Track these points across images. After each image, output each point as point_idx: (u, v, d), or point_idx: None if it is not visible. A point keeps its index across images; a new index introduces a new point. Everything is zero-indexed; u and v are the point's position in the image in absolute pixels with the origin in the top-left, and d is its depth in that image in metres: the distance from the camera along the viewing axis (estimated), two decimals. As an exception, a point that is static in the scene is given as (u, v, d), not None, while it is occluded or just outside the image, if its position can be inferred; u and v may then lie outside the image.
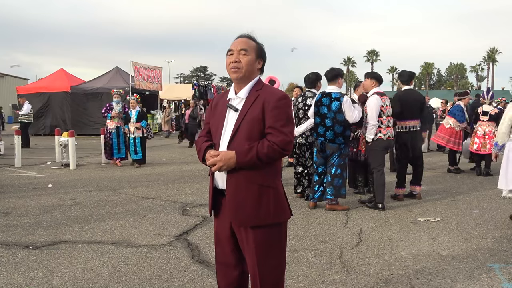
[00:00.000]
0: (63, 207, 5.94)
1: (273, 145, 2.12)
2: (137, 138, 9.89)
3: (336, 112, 5.57)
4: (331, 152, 5.68)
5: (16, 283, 3.38)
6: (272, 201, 2.20)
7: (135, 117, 9.95)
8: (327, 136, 5.65)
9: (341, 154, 5.70)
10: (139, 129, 9.91)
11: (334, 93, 5.66)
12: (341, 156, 5.69)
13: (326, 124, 5.63)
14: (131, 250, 4.15)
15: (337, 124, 5.58)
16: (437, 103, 28.66)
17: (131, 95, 10.69)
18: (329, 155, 5.72)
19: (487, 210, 5.75)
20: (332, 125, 5.60)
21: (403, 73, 6.63)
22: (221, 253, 2.37)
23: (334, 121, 5.58)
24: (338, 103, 5.57)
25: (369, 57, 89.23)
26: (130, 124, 9.92)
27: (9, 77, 42.74)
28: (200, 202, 6.18)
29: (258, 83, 2.27)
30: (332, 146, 5.66)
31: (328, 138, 5.65)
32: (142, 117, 10.07)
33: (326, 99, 5.65)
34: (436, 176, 8.65)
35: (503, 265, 3.74)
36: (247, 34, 2.29)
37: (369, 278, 3.46)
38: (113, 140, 10.06)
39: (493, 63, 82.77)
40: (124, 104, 10.40)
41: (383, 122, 5.73)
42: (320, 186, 5.81)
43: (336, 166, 5.67)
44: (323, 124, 5.66)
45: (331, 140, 5.64)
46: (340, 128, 5.60)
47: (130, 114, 10.02)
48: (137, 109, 10.05)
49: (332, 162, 5.69)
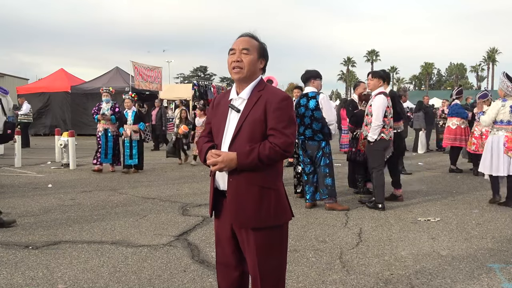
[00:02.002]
0: (63, 207, 5.94)
1: (275, 146, 2.11)
2: (133, 142, 8.98)
3: (314, 110, 5.68)
4: (312, 150, 5.77)
5: (16, 283, 3.38)
6: (273, 203, 2.19)
7: (131, 118, 9.03)
8: (306, 134, 5.78)
9: (324, 153, 5.76)
10: (136, 132, 9.02)
11: (310, 93, 5.81)
12: (324, 155, 5.76)
13: (305, 123, 5.75)
14: (131, 250, 4.14)
15: (315, 121, 5.69)
16: (437, 103, 28.64)
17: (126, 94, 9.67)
18: (311, 154, 5.80)
19: (487, 210, 5.75)
20: (310, 122, 5.71)
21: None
22: (222, 254, 2.36)
23: (312, 118, 5.70)
24: (315, 101, 5.70)
25: (369, 57, 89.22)
26: (127, 126, 8.97)
27: (9, 77, 42.69)
28: (200, 202, 6.18)
29: (260, 83, 2.25)
30: (312, 145, 5.76)
31: (307, 136, 5.77)
32: (139, 119, 9.15)
33: (303, 100, 5.81)
34: (436, 176, 8.65)
35: (503, 265, 3.74)
36: (250, 33, 2.27)
37: (369, 278, 3.47)
38: (102, 144, 9.07)
39: (493, 63, 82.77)
40: (115, 103, 9.37)
41: (387, 122, 5.73)
42: (311, 186, 5.88)
43: (322, 166, 5.76)
44: (303, 123, 5.79)
45: (310, 138, 5.76)
46: (318, 125, 5.70)
47: (126, 115, 9.10)
48: (133, 110, 9.15)
49: (318, 163, 5.77)
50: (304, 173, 5.94)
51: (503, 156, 5.83)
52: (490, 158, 5.96)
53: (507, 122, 5.87)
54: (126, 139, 8.96)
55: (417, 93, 56.64)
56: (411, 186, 7.54)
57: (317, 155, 5.76)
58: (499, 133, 5.92)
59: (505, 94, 5.93)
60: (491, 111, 6.00)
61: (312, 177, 5.87)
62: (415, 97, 36.12)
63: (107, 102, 9.18)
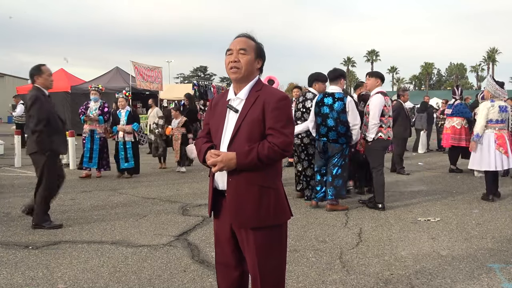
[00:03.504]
0: (63, 207, 5.94)
1: (273, 146, 2.12)
2: (127, 143, 8.32)
3: (340, 112, 5.55)
4: (333, 153, 5.65)
5: (16, 283, 3.38)
6: (273, 202, 2.20)
7: (125, 118, 8.41)
8: (330, 136, 5.61)
9: (342, 154, 5.68)
10: (130, 133, 8.36)
11: (337, 93, 5.65)
12: (342, 157, 5.67)
13: (328, 124, 5.60)
14: (131, 250, 4.14)
15: (340, 124, 5.56)
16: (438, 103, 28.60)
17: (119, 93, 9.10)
18: (330, 156, 5.69)
19: (487, 210, 5.75)
20: (335, 125, 5.57)
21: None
22: (221, 254, 2.36)
23: (338, 121, 5.55)
24: (342, 103, 5.56)
25: (369, 57, 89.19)
26: (119, 127, 8.37)
27: (9, 77, 42.70)
28: (200, 202, 6.18)
29: (257, 84, 2.26)
30: (334, 147, 5.63)
31: (331, 139, 5.61)
32: (133, 119, 8.49)
33: (329, 99, 5.63)
34: (436, 176, 8.65)
35: (503, 265, 3.74)
36: (246, 34, 2.28)
37: (369, 278, 3.46)
38: (86, 147, 8.28)
39: (493, 63, 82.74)
40: (104, 103, 8.53)
41: (385, 122, 5.72)
42: (323, 186, 5.77)
43: (337, 166, 5.65)
44: (325, 124, 5.63)
45: (334, 141, 5.61)
46: (344, 128, 5.58)
47: (119, 115, 8.50)
48: (127, 110, 8.55)
49: (333, 163, 5.66)
50: (319, 173, 5.79)
51: (494, 151, 6.15)
52: (480, 154, 6.27)
53: (496, 121, 6.23)
54: (120, 141, 8.36)
55: (417, 93, 56.60)
56: (411, 186, 7.54)
57: (335, 156, 5.63)
58: (488, 131, 6.25)
59: (492, 95, 6.32)
60: (482, 113, 6.27)
61: (325, 177, 5.73)
62: (415, 97, 36.13)
63: (95, 101, 8.40)
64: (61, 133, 4.98)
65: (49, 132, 4.77)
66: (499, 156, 6.14)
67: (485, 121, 6.23)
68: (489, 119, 6.23)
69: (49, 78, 4.95)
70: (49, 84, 4.97)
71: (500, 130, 6.24)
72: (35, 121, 4.73)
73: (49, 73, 4.96)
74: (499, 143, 6.16)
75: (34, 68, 4.94)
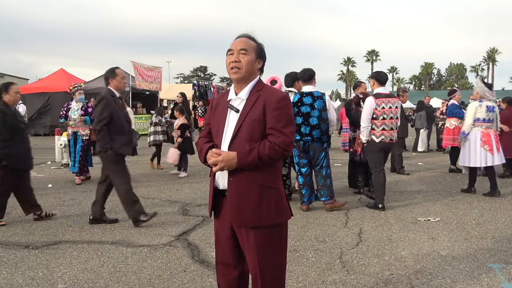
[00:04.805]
0: (63, 207, 5.94)
1: (274, 146, 2.13)
2: None
3: (321, 110, 5.62)
4: (315, 152, 5.65)
5: (16, 283, 3.38)
6: (273, 202, 2.21)
7: None
8: (314, 135, 5.62)
9: (326, 153, 5.72)
10: None
11: (315, 92, 5.70)
12: (326, 156, 5.73)
13: (311, 123, 5.61)
14: (131, 250, 4.15)
15: (322, 122, 5.63)
16: (437, 103, 28.63)
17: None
18: (312, 155, 5.69)
19: (487, 210, 5.75)
20: (318, 123, 5.61)
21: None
22: (221, 253, 2.37)
23: (320, 119, 5.61)
24: (322, 101, 5.64)
25: (369, 57, 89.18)
26: None
27: (9, 77, 42.71)
28: (200, 202, 6.18)
29: (258, 84, 2.27)
30: (317, 146, 5.64)
31: (315, 137, 5.62)
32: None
33: (308, 98, 5.64)
34: (436, 176, 8.65)
35: (503, 265, 3.74)
36: (247, 34, 2.29)
37: (369, 278, 3.47)
38: (71, 150, 7.90)
39: (493, 63, 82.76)
40: (87, 102, 8.09)
41: (378, 124, 5.70)
42: (308, 188, 5.72)
43: (325, 167, 5.70)
44: (307, 123, 5.61)
45: (317, 139, 5.63)
46: (325, 126, 5.66)
47: None
48: None
49: (321, 164, 5.68)
50: (301, 174, 5.76)
51: (480, 149, 6.50)
52: (468, 152, 6.62)
53: (483, 120, 6.56)
54: None
55: (417, 93, 56.71)
56: (411, 186, 7.55)
57: (319, 156, 5.65)
58: (475, 129, 6.58)
59: (481, 96, 6.66)
60: (470, 113, 6.62)
61: (309, 179, 5.75)
62: (415, 97, 36.18)
63: (79, 101, 7.90)
64: (124, 134, 5.01)
65: (111, 131, 4.87)
66: (484, 154, 6.46)
67: (472, 120, 6.55)
68: (477, 118, 6.54)
69: (122, 80, 5.12)
70: (122, 86, 5.16)
71: (487, 129, 6.53)
72: (96, 120, 4.96)
73: (122, 76, 5.13)
74: (484, 141, 6.48)
75: (109, 71, 5.10)
